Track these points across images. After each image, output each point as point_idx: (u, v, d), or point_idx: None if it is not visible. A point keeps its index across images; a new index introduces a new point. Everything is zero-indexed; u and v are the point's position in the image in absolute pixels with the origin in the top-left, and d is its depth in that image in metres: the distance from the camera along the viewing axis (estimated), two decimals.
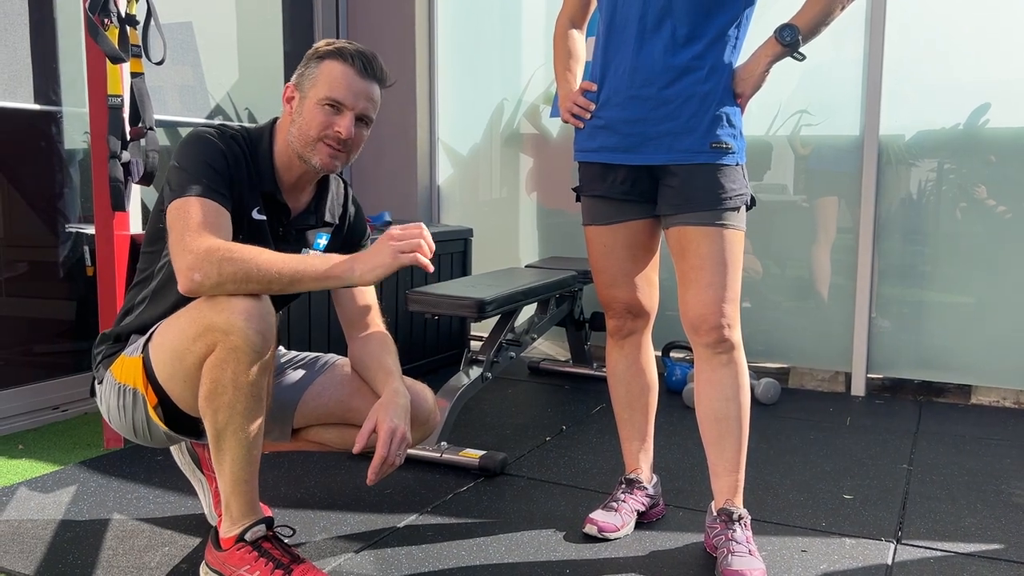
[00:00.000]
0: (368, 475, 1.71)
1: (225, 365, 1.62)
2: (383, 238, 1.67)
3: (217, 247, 1.62)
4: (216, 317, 1.61)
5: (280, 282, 1.63)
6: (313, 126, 1.77)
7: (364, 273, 1.65)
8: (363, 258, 1.67)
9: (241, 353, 1.61)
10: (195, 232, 1.64)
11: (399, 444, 1.73)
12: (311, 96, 1.78)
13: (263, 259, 1.63)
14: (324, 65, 1.78)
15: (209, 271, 1.60)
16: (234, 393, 1.64)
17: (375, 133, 4.23)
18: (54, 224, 3.11)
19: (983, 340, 3.38)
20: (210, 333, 1.62)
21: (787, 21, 1.89)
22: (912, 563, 1.97)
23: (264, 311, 1.64)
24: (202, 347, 1.64)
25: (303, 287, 1.67)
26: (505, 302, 2.85)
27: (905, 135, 3.43)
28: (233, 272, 1.61)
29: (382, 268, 1.65)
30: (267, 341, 1.64)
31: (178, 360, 1.69)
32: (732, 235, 1.90)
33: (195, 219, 1.65)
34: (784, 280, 3.70)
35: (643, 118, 1.91)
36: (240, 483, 1.72)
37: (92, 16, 2.48)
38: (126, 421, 1.83)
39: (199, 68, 3.68)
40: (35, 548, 1.99)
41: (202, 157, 1.73)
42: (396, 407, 1.77)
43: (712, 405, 1.97)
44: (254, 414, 1.68)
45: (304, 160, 1.81)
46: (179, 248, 1.64)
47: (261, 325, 1.63)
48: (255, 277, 1.62)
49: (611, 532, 2.07)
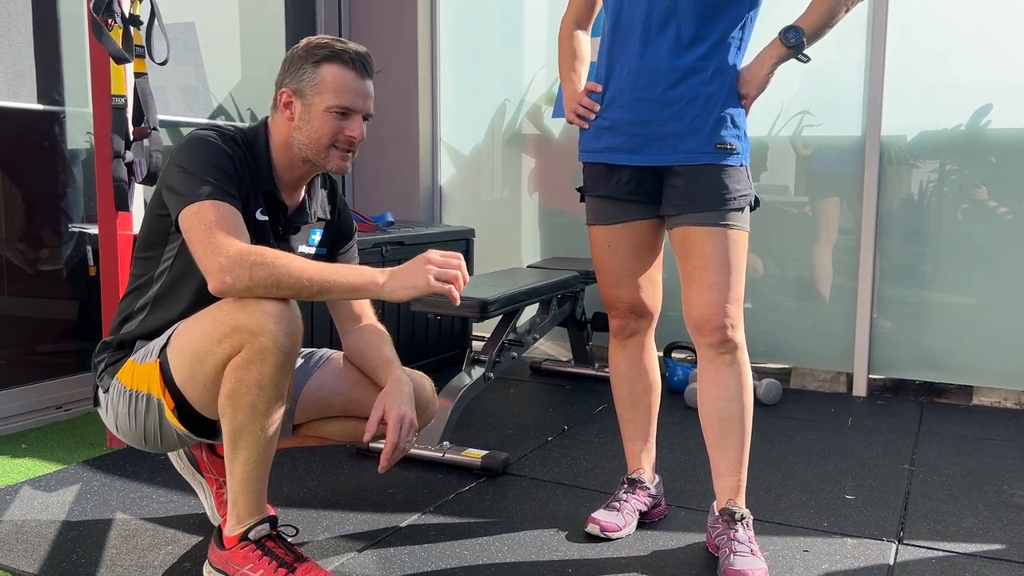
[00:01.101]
0: (380, 462, 1.76)
1: (251, 366, 1.63)
2: (421, 260, 1.67)
3: (249, 251, 1.62)
4: (246, 319, 1.61)
5: (310, 290, 1.64)
6: (325, 134, 1.78)
7: (396, 290, 1.66)
8: (398, 275, 1.67)
9: (269, 355, 1.62)
10: (221, 235, 1.64)
11: (408, 430, 1.77)
12: (317, 104, 1.77)
13: (295, 266, 1.64)
14: (324, 70, 1.77)
15: (241, 274, 1.61)
16: (258, 393, 1.64)
17: (377, 133, 4.24)
18: (57, 224, 3.11)
19: (984, 341, 3.38)
20: (237, 334, 1.62)
21: (792, 23, 1.90)
22: (914, 563, 1.98)
23: (293, 314, 1.66)
24: (227, 348, 1.64)
25: (332, 296, 1.68)
26: (507, 302, 2.85)
27: (907, 136, 3.43)
28: (264, 277, 1.61)
29: (414, 289, 1.66)
30: (295, 344, 1.66)
31: (199, 362, 1.68)
32: (736, 236, 1.91)
33: (217, 222, 1.65)
34: (786, 281, 3.71)
35: (648, 119, 1.92)
36: (251, 481, 1.72)
37: (96, 16, 2.49)
38: (136, 427, 1.82)
39: (202, 68, 3.68)
40: (39, 547, 1.99)
41: (209, 159, 1.72)
42: (402, 395, 1.81)
43: (715, 405, 1.97)
44: (274, 415, 1.69)
45: (314, 164, 1.83)
46: (209, 250, 1.63)
47: (290, 328, 1.64)
48: (286, 283, 1.62)
49: (613, 532, 2.07)
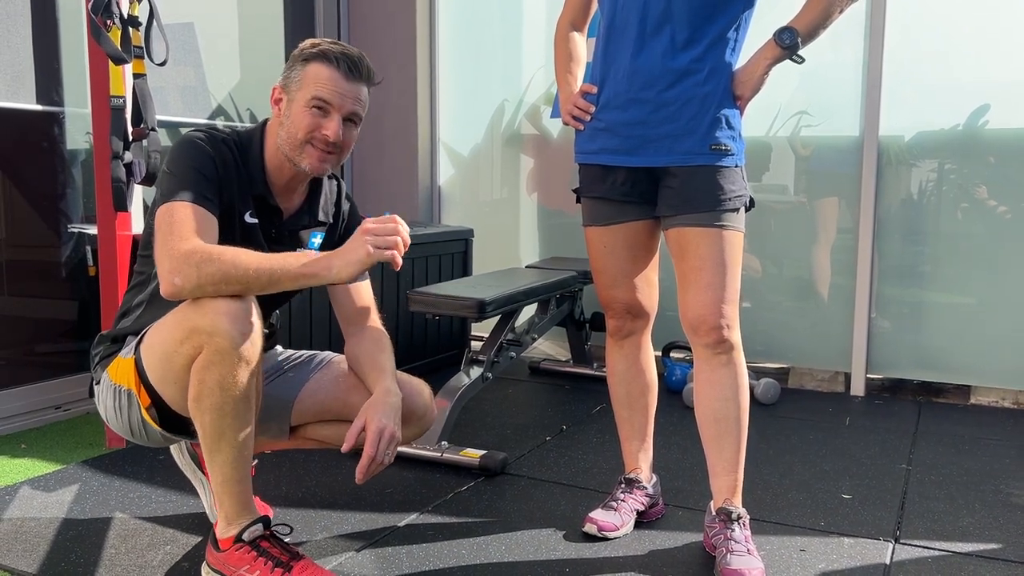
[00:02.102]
0: (356, 474, 1.71)
1: (211, 367, 1.62)
2: (358, 232, 1.65)
3: (196, 249, 1.62)
4: (200, 320, 1.61)
5: (259, 282, 1.62)
6: (301, 128, 1.77)
7: (340, 269, 1.63)
8: (339, 254, 1.65)
9: (226, 355, 1.61)
10: (177, 237, 1.63)
11: (387, 443, 1.72)
12: (298, 99, 1.77)
13: (241, 259, 1.62)
14: (310, 67, 1.78)
15: (189, 273, 1.60)
16: (221, 395, 1.64)
17: (376, 134, 4.25)
18: (56, 224, 3.12)
19: (982, 340, 3.38)
20: (196, 335, 1.62)
21: (786, 24, 1.90)
22: (910, 563, 1.98)
23: (247, 312, 1.64)
24: (189, 349, 1.64)
25: (282, 286, 1.65)
26: (506, 302, 2.85)
27: (905, 136, 3.44)
28: (211, 273, 1.60)
29: (359, 264, 1.63)
30: (252, 342, 1.64)
31: (167, 362, 1.69)
32: (731, 236, 1.91)
33: (179, 224, 1.65)
34: (784, 280, 3.71)
35: (643, 120, 1.92)
36: (231, 483, 1.72)
37: (95, 17, 2.49)
38: (122, 422, 1.83)
39: (201, 69, 3.68)
40: (38, 547, 2.00)
41: (190, 163, 1.73)
42: (386, 406, 1.76)
43: (711, 405, 1.98)
44: (242, 415, 1.68)
45: (293, 163, 1.81)
46: (161, 253, 1.64)
47: (245, 326, 1.63)
48: (233, 278, 1.61)
49: (611, 531, 2.08)
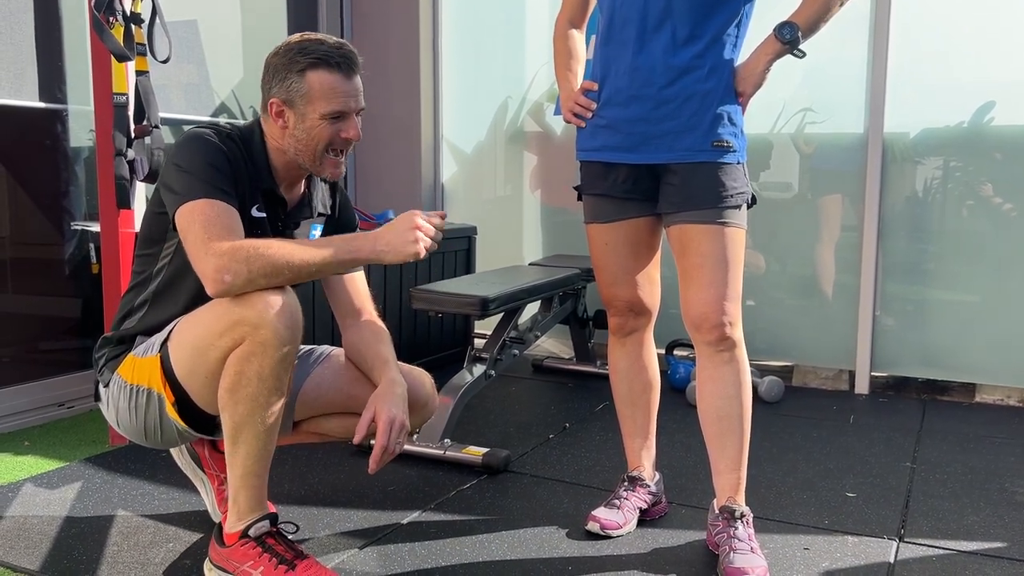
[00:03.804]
0: (369, 464, 1.75)
1: (252, 358, 1.63)
2: (410, 226, 1.68)
3: (241, 245, 1.63)
4: (246, 312, 1.62)
5: (308, 270, 1.66)
6: (321, 140, 1.78)
7: (388, 258, 1.68)
8: (387, 242, 1.68)
9: (269, 347, 1.62)
10: (215, 235, 1.64)
11: (398, 433, 1.76)
12: (310, 113, 1.76)
13: (287, 249, 1.65)
14: (310, 77, 1.74)
15: (239, 269, 1.61)
16: (258, 385, 1.65)
17: (379, 131, 4.25)
18: (59, 222, 3.12)
19: (987, 338, 3.37)
20: (239, 327, 1.62)
21: (786, 19, 1.89)
22: (914, 561, 1.98)
23: (293, 306, 1.66)
24: (229, 342, 1.64)
25: (328, 273, 1.74)
26: (509, 300, 2.85)
27: (909, 133, 3.42)
28: (262, 266, 1.61)
29: (407, 257, 1.68)
30: (295, 336, 1.66)
31: (200, 356, 1.69)
32: (733, 233, 1.91)
33: (212, 222, 1.65)
34: (788, 278, 3.70)
35: (644, 117, 1.92)
36: (251, 476, 1.73)
37: (97, 14, 2.49)
38: (137, 422, 1.82)
39: (204, 66, 3.69)
40: (40, 544, 2.00)
41: (205, 158, 1.72)
42: (394, 396, 1.80)
43: (714, 403, 1.97)
44: (273, 408, 1.69)
45: (306, 170, 1.84)
46: (201, 253, 1.63)
47: (290, 320, 1.64)
48: (284, 268, 1.63)
49: (613, 529, 2.08)
